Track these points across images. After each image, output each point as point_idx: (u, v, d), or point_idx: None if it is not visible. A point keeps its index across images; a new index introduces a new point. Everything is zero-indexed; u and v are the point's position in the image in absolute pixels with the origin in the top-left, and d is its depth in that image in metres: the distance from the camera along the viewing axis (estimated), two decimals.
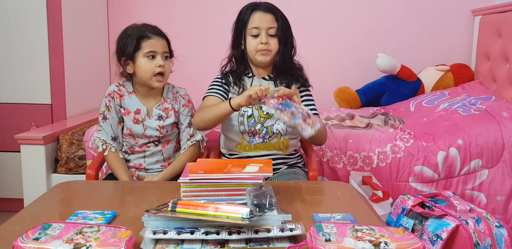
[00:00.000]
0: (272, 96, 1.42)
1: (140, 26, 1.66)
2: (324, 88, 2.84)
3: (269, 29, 1.67)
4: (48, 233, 0.94)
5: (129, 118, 1.69)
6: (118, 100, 1.68)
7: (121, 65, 1.66)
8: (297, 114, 1.37)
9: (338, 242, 0.92)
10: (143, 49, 1.61)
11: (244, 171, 1.22)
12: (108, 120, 1.69)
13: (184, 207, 1.04)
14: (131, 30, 1.65)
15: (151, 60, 1.61)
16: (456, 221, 1.35)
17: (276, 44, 1.68)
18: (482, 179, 2.05)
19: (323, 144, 1.82)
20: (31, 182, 2.25)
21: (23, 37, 2.54)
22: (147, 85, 1.66)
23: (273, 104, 1.40)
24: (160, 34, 1.65)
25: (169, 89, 1.74)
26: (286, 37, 1.70)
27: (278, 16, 1.68)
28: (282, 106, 1.39)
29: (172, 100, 1.72)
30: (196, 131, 1.75)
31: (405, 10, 3.14)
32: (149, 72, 1.61)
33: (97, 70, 3.05)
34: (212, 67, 1.94)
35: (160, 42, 1.64)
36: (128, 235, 0.93)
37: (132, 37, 1.61)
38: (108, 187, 1.49)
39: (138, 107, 1.69)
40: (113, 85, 1.71)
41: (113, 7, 3.21)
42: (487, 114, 2.22)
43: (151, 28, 1.65)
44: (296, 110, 1.38)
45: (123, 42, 1.63)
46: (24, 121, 2.57)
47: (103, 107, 1.70)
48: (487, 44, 2.84)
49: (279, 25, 1.67)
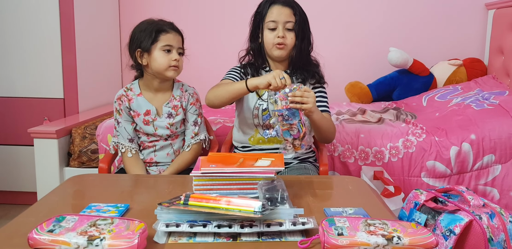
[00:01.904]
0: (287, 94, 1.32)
1: (158, 21, 1.69)
2: (335, 82, 2.82)
3: (286, 23, 1.66)
4: (63, 225, 0.95)
5: (140, 120, 1.71)
6: (127, 103, 1.71)
7: (135, 57, 1.67)
8: (294, 131, 1.29)
9: (350, 236, 0.92)
10: (161, 42, 1.63)
11: (256, 164, 1.22)
12: (121, 123, 1.72)
13: (197, 200, 1.04)
14: (148, 23, 1.67)
15: (167, 54, 1.64)
16: (470, 216, 1.34)
17: (293, 39, 1.67)
18: (495, 174, 2.03)
19: (330, 142, 1.80)
20: (44, 176, 2.27)
21: (35, 32, 2.56)
22: (161, 76, 1.67)
23: (281, 107, 1.31)
24: (177, 30, 1.69)
25: (178, 87, 1.76)
26: (303, 32, 1.68)
27: (296, 11, 1.67)
28: (288, 113, 1.30)
29: (181, 98, 1.74)
30: (201, 129, 1.76)
31: (417, 4, 3.11)
32: (165, 64, 1.64)
33: (109, 65, 3.06)
34: (221, 66, 1.94)
35: (177, 37, 1.67)
36: (141, 227, 0.94)
37: (149, 30, 1.63)
38: (120, 180, 1.50)
39: (147, 108, 1.71)
40: (121, 90, 1.74)
41: (125, 1, 3.21)
42: (501, 109, 2.19)
43: (169, 24, 1.68)
44: (298, 125, 1.30)
45: (140, 34, 1.65)
46: (37, 115, 2.59)
47: (114, 112, 1.74)
48: (500, 38, 2.81)
49: (296, 20, 1.66)
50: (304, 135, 1.30)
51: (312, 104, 1.38)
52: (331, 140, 1.73)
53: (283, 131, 1.30)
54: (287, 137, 1.30)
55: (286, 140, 1.30)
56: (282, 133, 1.30)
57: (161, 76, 1.67)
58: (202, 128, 1.79)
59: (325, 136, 1.66)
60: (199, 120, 1.76)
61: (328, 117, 1.69)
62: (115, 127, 1.74)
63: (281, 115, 1.30)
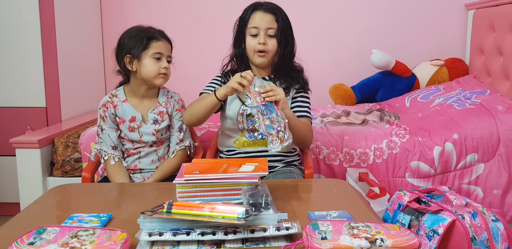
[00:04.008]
0: (260, 92, 1.43)
1: (148, 28, 1.68)
2: (319, 85, 2.84)
3: (268, 30, 1.66)
4: (43, 237, 0.94)
5: (125, 127, 1.70)
6: (113, 109, 1.70)
7: (123, 62, 1.65)
8: (275, 124, 1.37)
9: (334, 240, 0.92)
10: (151, 50, 1.63)
11: (240, 170, 1.22)
12: (105, 130, 1.71)
13: (180, 208, 1.04)
14: (138, 30, 1.66)
15: (157, 61, 1.64)
16: (452, 216, 1.35)
17: (275, 46, 1.67)
18: (479, 173, 2.06)
19: (307, 147, 1.79)
20: (27, 186, 2.24)
21: (16, 40, 2.53)
22: (149, 83, 1.67)
23: (256, 103, 1.40)
24: (167, 39, 1.69)
25: (164, 93, 1.76)
26: (286, 39, 1.68)
27: (278, 17, 1.66)
28: (265, 109, 1.39)
29: (167, 104, 1.73)
30: (186, 136, 1.77)
31: (399, 6, 3.14)
32: (155, 72, 1.64)
33: (92, 72, 3.04)
34: (206, 71, 1.94)
35: (167, 46, 1.68)
36: (123, 237, 0.93)
37: (140, 37, 1.63)
38: (103, 189, 1.48)
39: (132, 115, 1.70)
40: (106, 97, 1.73)
41: (107, 9, 3.20)
42: (482, 108, 2.22)
43: (159, 31, 1.69)
44: (276, 117, 1.38)
45: (130, 41, 1.64)
46: (19, 125, 2.56)
47: (98, 119, 1.72)
48: (481, 38, 2.85)
49: (279, 26, 1.66)
50: (285, 125, 1.38)
51: (283, 95, 1.47)
52: (307, 144, 1.74)
53: (266, 125, 1.37)
54: (271, 130, 1.37)
55: (271, 134, 1.37)
56: (265, 127, 1.37)
57: (149, 83, 1.67)
58: (187, 134, 1.78)
59: (298, 136, 1.64)
60: (184, 126, 1.75)
61: (305, 121, 1.69)
62: (98, 134, 1.73)
63: (259, 110, 1.40)
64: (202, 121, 1.67)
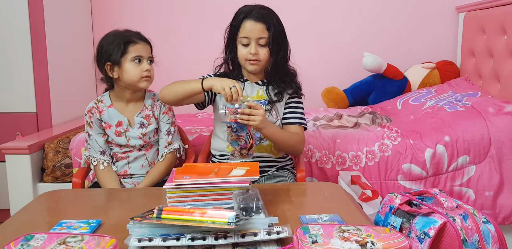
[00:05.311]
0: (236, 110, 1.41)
1: (124, 32, 1.67)
2: (312, 88, 2.84)
3: (259, 39, 1.62)
4: (31, 244, 0.93)
5: (111, 132, 1.69)
6: (98, 115, 1.69)
7: (105, 70, 1.65)
8: (241, 141, 1.41)
9: (324, 244, 0.92)
10: (130, 54, 1.62)
11: (231, 174, 1.21)
12: (92, 136, 1.70)
13: (170, 214, 1.03)
14: (114, 36, 1.64)
15: (138, 65, 1.63)
16: (443, 218, 1.35)
17: (266, 54, 1.64)
18: (470, 175, 2.06)
19: (298, 155, 1.78)
20: (17, 192, 2.22)
21: (5, 45, 2.51)
22: (133, 88, 1.67)
23: (230, 120, 1.40)
24: (145, 40, 1.68)
25: (150, 97, 1.75)
26: (278, 45, 1.65)
27: (270, 25, 1.62)
28: (237, 126, 1.41)
29: (153, 107, 1.72)
30: (175, 139, 1.75)
31: (390, 9, 3.16)
32: (137, 76, 1.63)
33: (82, 77, 3.02)
34: (194, 74, 1.92)
35: (146, 47, 1.67)
36: (112, 243, 0.92)
37: (117, 42, 1.62)
38: (93, 195, 1.47)
39: (119, 119, 1.69)
40: (91, 103, 1.72)
41: (98, 14, 3.18)
42: (473, 110, 2.23)
43: (136, 34, 1.67)
44: (246, 137, 1.42)
45: (108, 47, 1.63)
46: (10, 130, 2.53)
47: (85, 125, 1.72)
48: (471, 40, 2.86)
49: (270, 35, 1.61)
50: (251, 145, 1.43)
51: (259, 122, 1.44)
52: (296, 153, 1.74)
53: (231, 140, 1.42)
54: (235, 146, 1.43)
55: (234, 148, 1.43)
56: (230, 142, 1.43)
57: (134, 87, 1.66)
58: (176, 137, 1.77)
59: (285, 149, 1.66)
60: (172, 129, 1.74)
61: (296, 130, 1.68)
62: (86, 140, 1.72)
63: (230, 127, 1.41)
64: (175, 103, 1.61)
